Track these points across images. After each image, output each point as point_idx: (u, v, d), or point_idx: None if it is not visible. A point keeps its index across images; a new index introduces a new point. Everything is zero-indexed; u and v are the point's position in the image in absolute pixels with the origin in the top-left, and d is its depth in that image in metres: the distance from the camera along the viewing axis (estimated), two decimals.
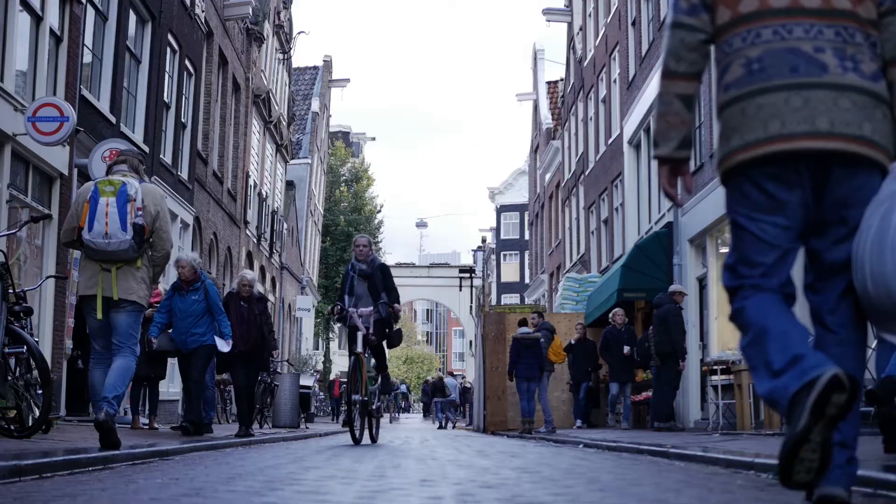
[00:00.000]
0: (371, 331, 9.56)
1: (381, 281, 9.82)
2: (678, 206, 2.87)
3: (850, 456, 2.78)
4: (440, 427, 29.00)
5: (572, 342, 16.81)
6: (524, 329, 15.48)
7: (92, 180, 7.45)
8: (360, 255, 9.89)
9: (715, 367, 12.46)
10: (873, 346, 9.05)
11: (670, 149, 3.03)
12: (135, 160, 6.58)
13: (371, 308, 9.64)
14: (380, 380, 10.35)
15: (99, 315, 6.24)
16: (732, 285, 2.93)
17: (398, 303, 9.89)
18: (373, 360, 10.16)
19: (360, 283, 9.82)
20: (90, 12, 13.68)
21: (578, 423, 16.72)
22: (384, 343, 10.09)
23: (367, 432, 10.12)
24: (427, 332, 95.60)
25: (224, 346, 10.06)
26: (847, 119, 2.77)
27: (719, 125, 2.98)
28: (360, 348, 9.48)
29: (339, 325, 11.35)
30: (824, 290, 2.89)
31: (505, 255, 56.10)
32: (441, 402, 32.26)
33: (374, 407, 10.14)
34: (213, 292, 10.26)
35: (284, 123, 31.06)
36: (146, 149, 15.55)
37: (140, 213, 6.19)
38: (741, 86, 2.88)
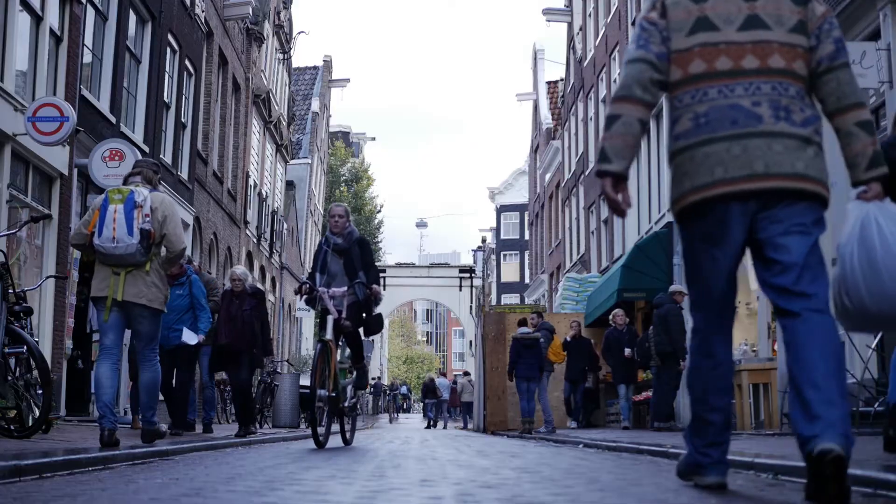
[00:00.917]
0: (344, 315, 8.29)
1: (359, 257, 8.51)
2: (621, 217, 3.47)
3: (841, 413, 3.16)
4: (427, 427, 29.49)
5: (567, 339, 16.72)
6: (524, 329, 15.48)
7: (103, 189, 8.95)
8: (335, 228, 8.56)
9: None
10: (873, 345, 9.07)
11: (623, 167, 3.41)
12: (149, 171, 7.00)
13: (345, 288, 8.36)
14: (354, 373, 9.08)
15: (106, 317, 6.61)
16: (694, 320, 3.52)
17: (378, 283, 8.56)
18: (347, 350, 9.00)
19: (335, 260, 8.53)
20: (90, 12, 13.68)
21: (572, 423, 16.73)
22: (360, 330, 8.80)
23: (341, 435, 9.15)
24: (427, 332, 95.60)
25: (191, 337, 9.88)
26: (780, 160, 3.25)
27: (671, 170, 3.46)
28: (329, 335, 8.17)
29: (307, 307, 9.74)
30: (793, 307, 3.30)
31: (505, 255, 56.09)
32: (432, 402, 32.36)
33: (346, 405, 8.77)
34: (198, 287, 10.16)
35: (284, 123, 31.05)
36: (146, 149, 15.55)
37: (148, 219, 6.54)
38: (689, 137, 3.36)
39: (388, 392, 45.75)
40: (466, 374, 35.17)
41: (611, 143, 3.41)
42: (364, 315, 8.63)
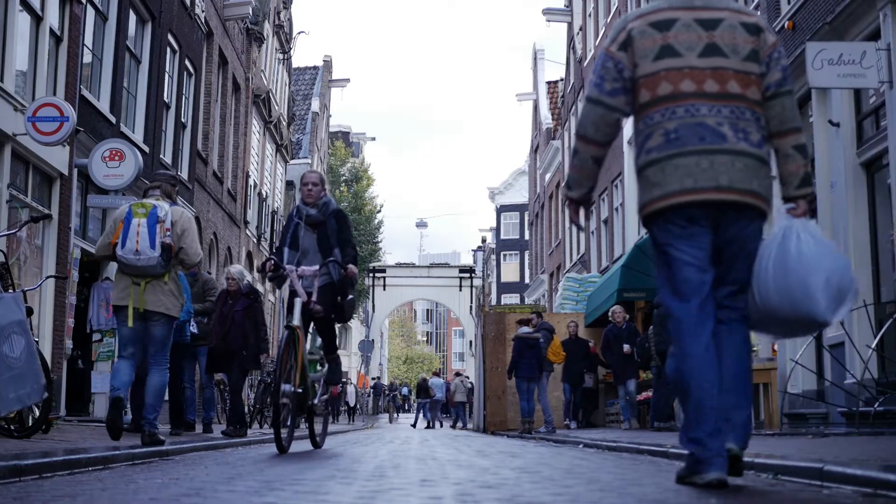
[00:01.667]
0: (315, 298, 7.20)
1: (335, 232, 7.46)
2: (581, 231, 4.63)
3: (745, 416, 3.76)
4: (414, 426, 29.71)
5: (564, 340, 16.64)
6: (525, 329, 15.48)
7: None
8: (309, 197, 7.48)
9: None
10: (873, 345, 9.07)
11: (581, 193, 4.00)
12: (167, 185, 7.35)
13: (317, 267, 7.29)
14: (325, 366, 7.93)
15: (130, 323, 6.95)
16: (667, 307, 3.83)
17: (355, 262, 7.47)
18: (318, 339, 7.98)
19: (308, 234, 7.46)
20: (90, 12, 13.69)
21: (572, 424, 16.66)
22: (333, 316, 7.67)
23: (310, 438, 8.15)
24: (427, 332, 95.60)
25: None
26: (741, 177, 3.69)
27: (639, 180, 3.83)
28: (296, 320, 7.05)
29: (271, 284, 8.85)
30: (723, 308, 3.81)
31: (505, 255, 56.10)
32: (424, 402, 32.43)
33: (315, 402, 7.56)
34: (183, 283, 10.16)
35: (284, 123, 31.05)
36: (146, 149, 15.56)
37: (168, 233, 6.92)
38: (661, 150, 3.75)
39: (387, 392, 45.74)
40: (458, 374, 35.88)
41: (572, 173, 4.01)
42: (339, 298, 7.49)
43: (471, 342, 46.49)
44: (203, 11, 19.34)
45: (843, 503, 3.35)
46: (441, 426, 31.23)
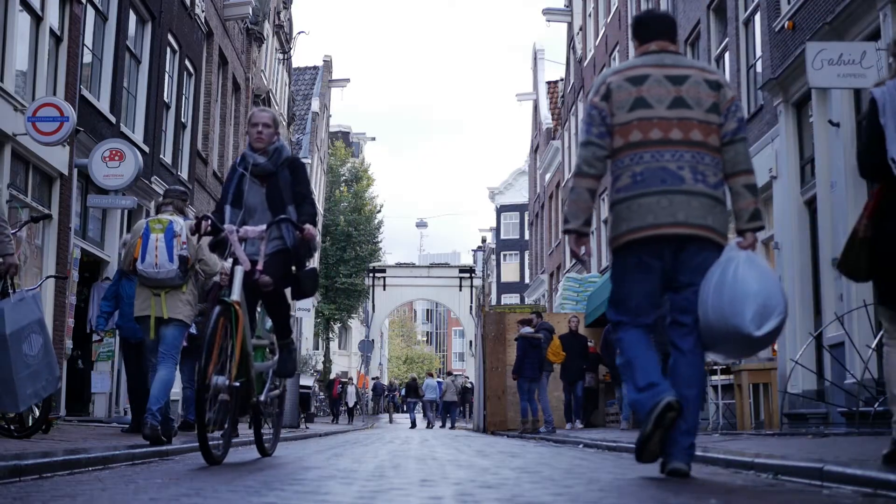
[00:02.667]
0: (261, 266, 5.79)
1: (289, 186, 6.05)
2: (583, 264, 5.72)
3: (691, 441, 4.26)
4: (414, 426, 30.02)
5: (562, 335, 16.50)
6: (528, 329, 15.48)
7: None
8: (258, 141, 6.04)
9: (715, 368, 12.45)
10: (873, 345, 9.07)
11: (578, 225, 4.44)
12: (178, 201, 7.71)
13: (263, 227, 5.87)
14: (276, 354, 6.44)
15: (152, 335, 7.28)
16: (615, 320, 4.45)
17: (314, 223, 6.03)
18: (267, 321, 6.50)
19: (255, 188, 6.07)
20: (90, 12, 13.69)
21: (578, 424, 16.53)
22: (287, 291, 6.29)
23: (256, 443, 6.60)
24: (427, 332, 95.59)
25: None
26: (696, 214, 4.24)
27: (611, 216, 4.41)
28: (236, 294, 5.57)
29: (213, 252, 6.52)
30: (679, 326, 4.37)
31: (505, 255, 56.08)
32: (414, 402, 32.49)
33: (261, 399, 6.12)
34: None
35: (284, 123, 31.05)
36: (146, 149, 15.56)
37: (185, 246, 7.26)
38: (628, 191, 4.32)
39: (387, 392, 45.75)
40: (449, 373, 36.33)
41: (569, 208, 4.48)
42: (294, 269, 6.15)
43: (471, 342, 46.50)
44: (203, 11, 19.34)
45: (843, 503, 3.35)
46: (431, 426, 31.38)
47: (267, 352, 6.42)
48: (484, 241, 57.86)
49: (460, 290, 56.67)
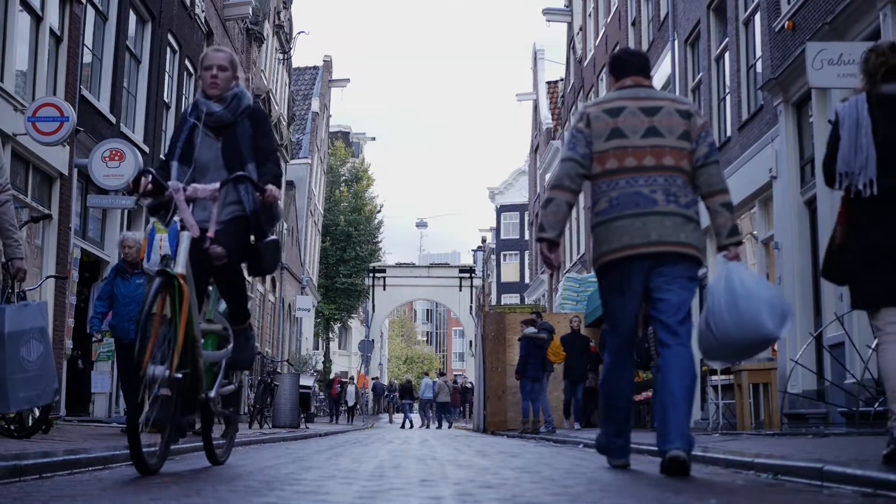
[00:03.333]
0: (212, 233, 4.83)
1: (248, 138, 5.07)
2: (555, 270, 6.35)
3: (686, 431, 4.52)
4: (411, 426, 30.12)
5: (564, 336, 16.53)
6: (532, 329, 15.48)
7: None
8: (213, 87, 5.07)
9: (715, 368, 12.46)
10: (874, 346, 9.07)
11: (554, 234, 4.82)
12: None
13: (216, 186, 4.89)
14: (231, 342, 5.29)
15: None
16: (611, 346, 4.90)
17: (279, 184, 5.01)
18: (222, 303, 5.32)
19: (208, 142, 5.07)
20: (90, 12, 13.69)
21: (576, 424, 16.54)
22: (244, 266, 5.22)
23: (205, 449, 5.52)
24: (427, 332, 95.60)
25: None
26: (669, 232, 4.59)
27: (593, 238, 4.82)
28: (181, 266, 4.58)
29: (152, 217, 5.18)
30: (664, 326, 4.67)
31: (505, 255, 56.10)
32: (408, 403, 32.54)
33: (211, 395, 5.01)
34: None
35: (284, 123, 31.06)
36: (146, 149, 15.56)
37: None
38: (606, 214, 4.69)
39: (387, 393, 45.78)
40: (442, 374, 36.84)
41: (546, 218, 4.80)
42: (253, 239, 5.12)
43: (471, 342, 46.50)
44: (203, 11, 19.34)
45: (843, 503, 3.35)
46: (427, 426, 31.45)
47: (218, 339, 5.29)
48: (484, 241, 57.87)
49: (460, 290, 56.67)
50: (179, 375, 4.50)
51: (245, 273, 5.29)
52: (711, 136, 4.79)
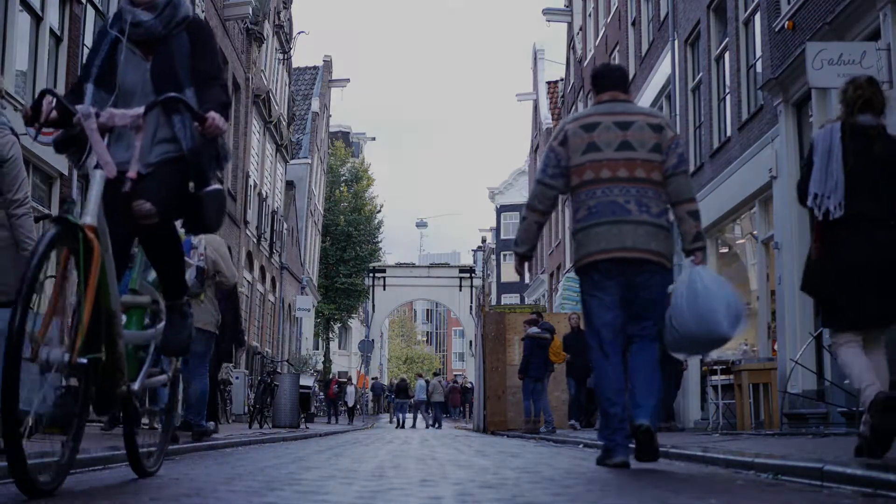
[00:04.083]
0: (133, 174, 3.70)
1: (186, 59, 3.99)
2: (522, 280, 6.35)
3: (652, 407, 5.10)
4: (411, 425, 30.45)
5: (567, 335, 16.49)
6: (535, 329, 15.48)
7: None
8: None
9: (715, 368, 12.47)
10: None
11: (526, 250, 5.41)
12: None
13: (140, 110, 3.74)
14: (162, 321, 4.24)
15: None
16: (592, 343, 5.25)
17: (225, 113, 3.87)
18: (151, 272, 4.24)
19: (136, 61, 4.01)
20: (90, 12, 13.68)
21: (576, 424, 16.48)
22: (180, 224, 4.12)
23: (128, 455, 4.33)
24: (427, 332, 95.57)
25: None
26: (642, 240, 5.05)
27: (574, 242, 5.29)
28: (90, 216, 3.43)
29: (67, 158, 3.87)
30: (635, 333, 5.20)
31: (505, 255, 56.04)
32: (402, 402, 32.58)
33: (134, 388, 3.93)
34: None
35: (284, 123, 31.06)
36: None
37: (202, 258, 7.49)
38: (585, 221, 5.17)
39: (387, 393, 45.77)
40: (436, 374, 36.79)
41: (521, 234, 5.41)
42: (193, 187, 3.97)
43: (471, 342, 46.48)
44: (203, 11, 19.33)
45: (843, 503, 3.35)
46: (419, 426, 31.55)
47: (143, 316, 4.25)
48: (484, 241, 57.88)
49: (460, 290, 56.67)
50: (85, 360, 3.40)
51: (182, 232, 4.22)
52: (682, 148, 5.22)
